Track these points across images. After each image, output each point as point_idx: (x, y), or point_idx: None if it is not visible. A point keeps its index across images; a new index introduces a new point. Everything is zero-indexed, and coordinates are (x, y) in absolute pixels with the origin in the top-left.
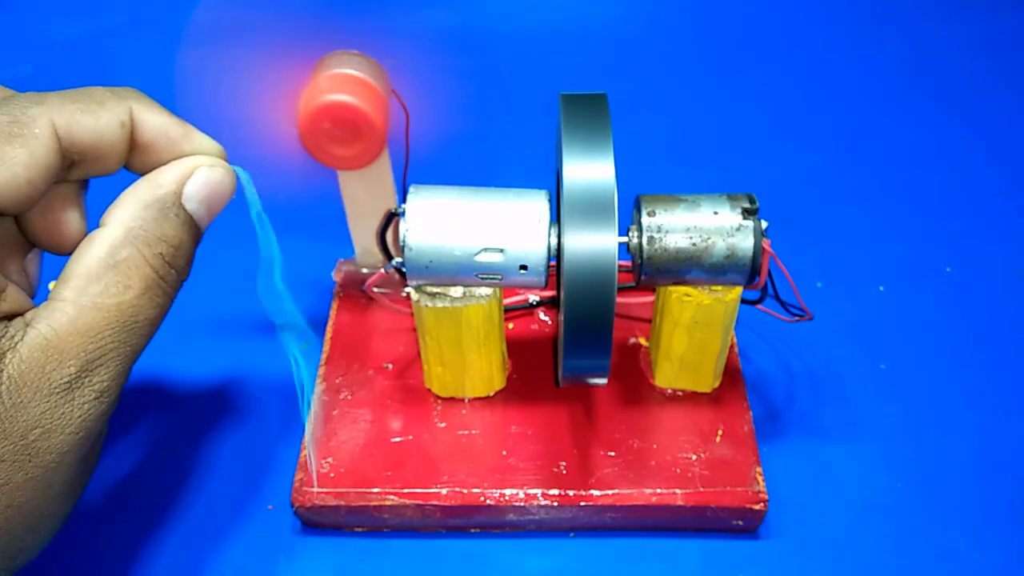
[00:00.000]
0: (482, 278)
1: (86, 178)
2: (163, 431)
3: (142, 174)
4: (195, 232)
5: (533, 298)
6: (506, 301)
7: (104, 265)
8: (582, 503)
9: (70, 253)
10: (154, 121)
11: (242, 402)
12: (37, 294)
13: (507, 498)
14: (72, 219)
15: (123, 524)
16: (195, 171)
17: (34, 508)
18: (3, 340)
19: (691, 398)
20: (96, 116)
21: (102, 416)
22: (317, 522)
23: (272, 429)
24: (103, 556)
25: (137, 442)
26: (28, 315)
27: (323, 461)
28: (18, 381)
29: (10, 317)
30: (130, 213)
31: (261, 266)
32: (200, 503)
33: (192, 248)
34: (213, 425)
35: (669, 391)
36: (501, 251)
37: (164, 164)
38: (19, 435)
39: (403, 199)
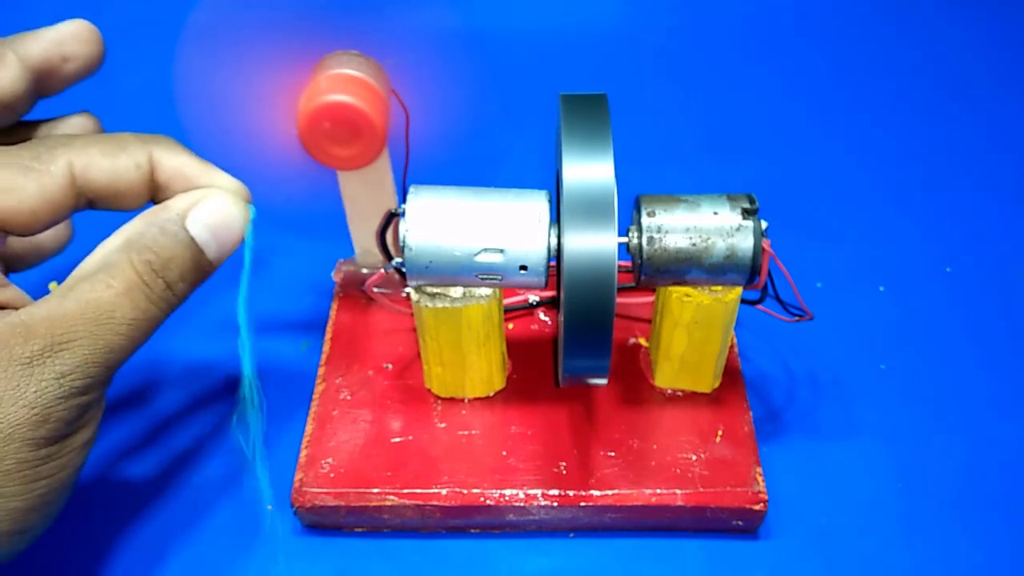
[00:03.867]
0: (482, 278)
1: (110, 211)
2: (163, 431)
3: None
4: (195, 253)
5: (533, 298)
6: (506, 301)
7: (96, 267)
8: (582, 503)
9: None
10: (172, 162)
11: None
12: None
13: (507, 498)
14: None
15: (123, 524)
16: (203, 199)
17: None
18: None
19: (691, 398)
20: (114, 159)
21: (62, 400)
22: (317, 522)
23: (272, 429)
24: (103, 556)
25: (137, 443)
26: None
27: (323, 461)
28: None
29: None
30: (133, 227)
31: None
32: (200, 503)
33: (190, 267)
34: (213, 425)
35: (669, 391)
36: (501, 251)
37: None
38: None
39: (403, 199)
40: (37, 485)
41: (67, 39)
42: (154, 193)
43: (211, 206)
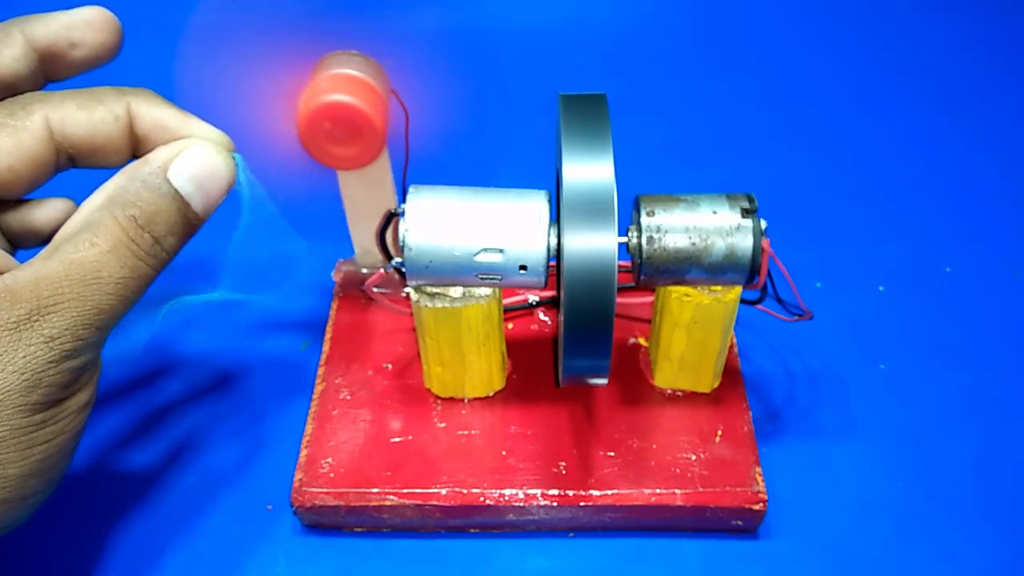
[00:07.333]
0: (482, 278)
1: (93, 167)
2: (163, 431)
3: None
4: (180, 206)
5: (533, 298)
6: (506, 301)
7: (80, 227)
8: (582, 503)
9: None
10: (151, 113)
11: (242, 402)
12: None
13: (507, 498)
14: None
15: (122, 523)
16: (184, 150)
17: None
18: None
19: (691, 398)
20: (91, 112)
21: (53, 364)
22: (317, 522)
23: (272, 429)
24: (102, 555)
25: (137, 442)
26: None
27: (323, 461)
28: None
29: None
30: (115, 183)
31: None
32: (200, 503)
33: (176, 220)
34: (213, 425)
35: (669, 391)
36: (501, 251)
37: None
38: None
39: (403, 199)
40: (34, 451)
41: (78, 25)
42: (135, 147)
43: (192, 157)
